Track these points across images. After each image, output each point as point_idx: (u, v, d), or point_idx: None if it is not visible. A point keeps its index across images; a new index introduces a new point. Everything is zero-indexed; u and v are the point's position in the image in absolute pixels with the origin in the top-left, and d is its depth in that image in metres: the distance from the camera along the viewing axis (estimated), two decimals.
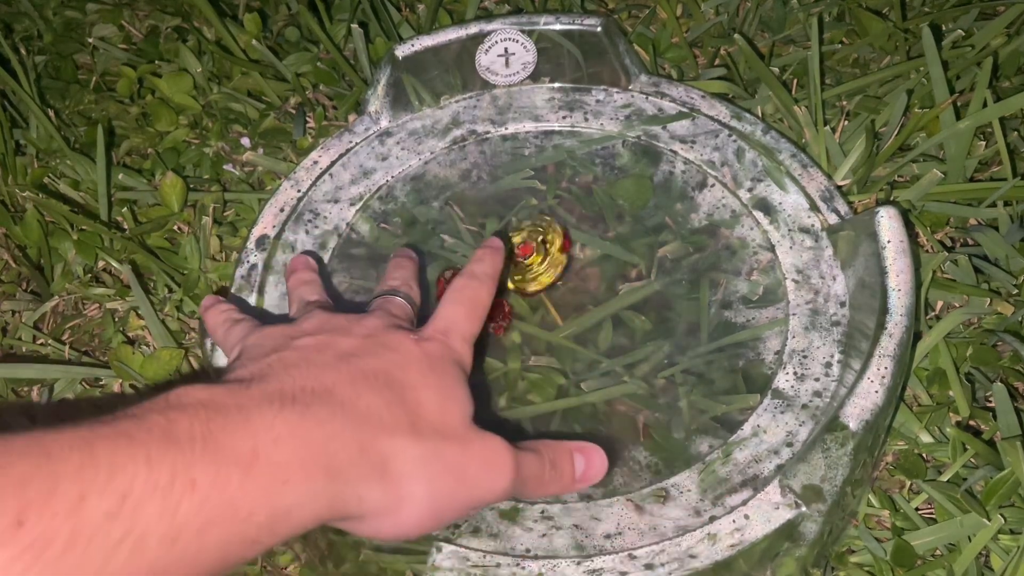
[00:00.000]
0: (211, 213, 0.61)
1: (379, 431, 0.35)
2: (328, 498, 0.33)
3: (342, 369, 0.36)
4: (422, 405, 0.37)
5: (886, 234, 0.48)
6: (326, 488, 0.33)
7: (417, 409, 0.36)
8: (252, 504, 0.30)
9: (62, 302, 0.61)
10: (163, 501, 0.28)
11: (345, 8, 0.72)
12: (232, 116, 0.68)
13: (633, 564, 0.42)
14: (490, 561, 0.42)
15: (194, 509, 0.29)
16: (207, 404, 0.31)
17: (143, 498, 0.28)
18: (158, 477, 0.28)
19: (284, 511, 0.31)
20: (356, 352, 0.38)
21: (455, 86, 0.62)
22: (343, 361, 0.37)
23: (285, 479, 0.31)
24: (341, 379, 0.36)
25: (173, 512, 0.28)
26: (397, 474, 0.35)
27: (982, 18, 0.67)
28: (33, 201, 0.62)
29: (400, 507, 0.35)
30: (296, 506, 0.32)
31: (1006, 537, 0.46)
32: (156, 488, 0.28)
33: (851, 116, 0.63)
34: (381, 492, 0.34)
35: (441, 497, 0.36)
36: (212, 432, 0.30)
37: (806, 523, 0.43)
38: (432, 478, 0.35)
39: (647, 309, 0.52)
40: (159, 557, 0.28)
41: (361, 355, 0.37)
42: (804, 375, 0.48)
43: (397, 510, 0.35)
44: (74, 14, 0.76)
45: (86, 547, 0.26)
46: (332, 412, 0.34)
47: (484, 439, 0.38)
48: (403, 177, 0.58)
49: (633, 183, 0.57)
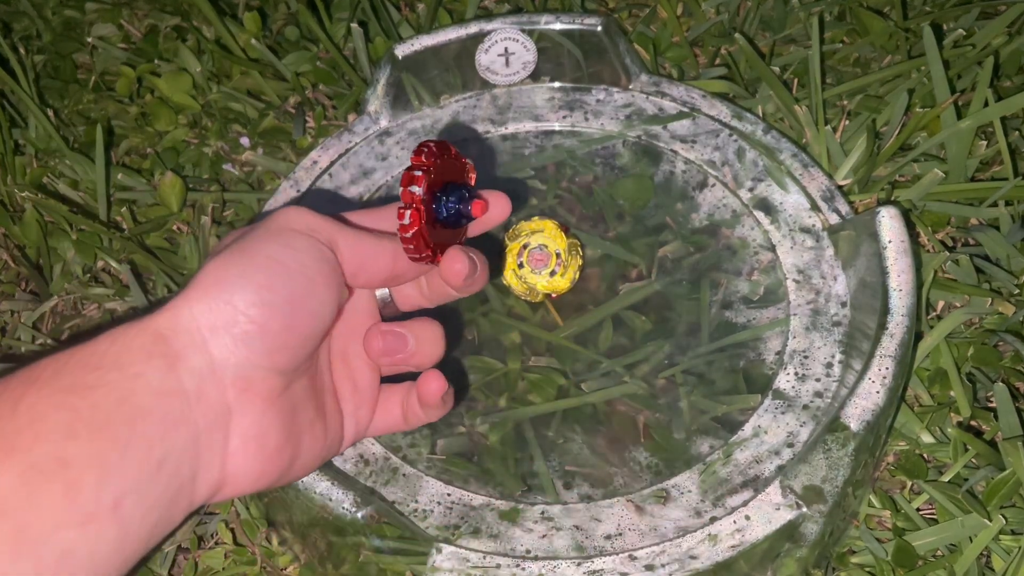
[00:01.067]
0: (210, 213, 0.61)
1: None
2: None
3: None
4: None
5: (887, 234, 0.47)
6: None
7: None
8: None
9: (61, 302, 0.60)
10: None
11: (345, 7, 0.72)
12: (231, 116, 0.68)
13: (633, 565, 0.42)
14: (490, 562, 0.42)
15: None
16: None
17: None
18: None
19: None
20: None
21: (455, 86, 0.61)
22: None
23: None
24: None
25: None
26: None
27: (983, 17, 0.67)
28: (32, 201, 0.62)
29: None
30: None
31: (1007, 538, 0.46)
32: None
33: (852, 116, 0.63)
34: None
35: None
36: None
37: (807, 524, 0.43)
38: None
39: (647, 309, 0.52)
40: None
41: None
42: (805, 375, 0.48)
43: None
44: (73, 13, 0.76)
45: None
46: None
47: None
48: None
49: (633, 183, 0.57)
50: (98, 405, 0.31)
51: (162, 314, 0.34)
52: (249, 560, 0.49)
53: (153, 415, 0.32)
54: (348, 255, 0.38)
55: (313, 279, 0.36)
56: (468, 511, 0.45)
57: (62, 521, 0.29)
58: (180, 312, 0.34)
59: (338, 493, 0.42)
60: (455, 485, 0.46)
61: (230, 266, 0.35)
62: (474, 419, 0.49)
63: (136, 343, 0.33)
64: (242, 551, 0.49)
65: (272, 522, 0.49)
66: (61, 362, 0.32)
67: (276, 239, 0.36)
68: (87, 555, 0.30)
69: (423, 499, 0.45)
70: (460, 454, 0.47)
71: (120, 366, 0.32)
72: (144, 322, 0.33)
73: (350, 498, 0.42)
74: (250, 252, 0.35)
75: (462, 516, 0.45)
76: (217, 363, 0.34)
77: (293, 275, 0.35)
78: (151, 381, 0.32)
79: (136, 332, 0.33)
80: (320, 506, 0.42)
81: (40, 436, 0.30)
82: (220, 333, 0.34)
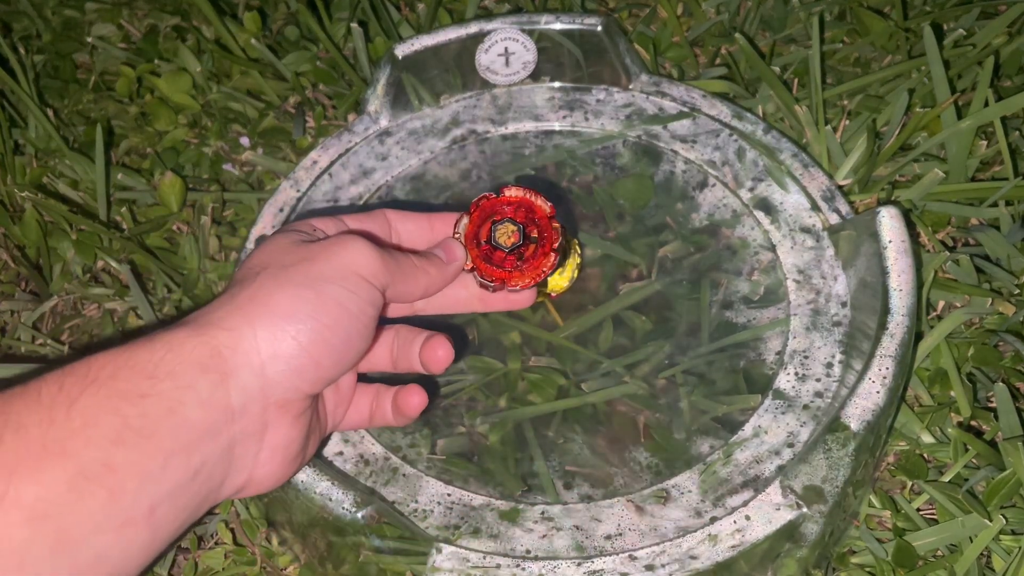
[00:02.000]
0: (210, 213, 0.61)
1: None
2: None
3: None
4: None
5: (887, 234, 0.47)
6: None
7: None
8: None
9: (61, 302, 0.60)
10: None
11: (345, 7, 0.72)
12: (231, 115, 0.68)
13: (634, 565, 0.42)
14: (490, 562, 0.42)
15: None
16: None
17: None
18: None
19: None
20: None
21: (455, 85, 0.61)
22: None
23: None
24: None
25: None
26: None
27: (983, 17, 0.67)
28: (32, 201, 0.62)
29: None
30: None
31: (1007, 538, 0.46)
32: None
33: (852, 115, 0.63)
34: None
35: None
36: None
37: (807, 524, 0.43)
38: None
39: (648, 309, 0.52)
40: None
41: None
42: (805, 375, 0.48)
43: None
44: (73, 13, 0.76)
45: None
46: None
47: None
48: (403, 177, 0.58)
49: (634, 183, 0.57)
50: (148, 414, 0.32)
51: (222, 332, 0.35)
52: (249, 560, 0.49)
53: (198, 427, 0.33)
54: (392, 295, 0.40)
55: (367, 324, 0.39)
56: (468, 511, 0.45)
57: (101, 524, 0.31)
58: (243, 334, 0.35)
59: (338, 493, 0.42)
60: (455, 485, 0.46)
61: (301, 302, 0.36)
62: (474, 419, 0.49)
63: (193, 356, 0.34)
64: (242, 551, 0.49)
65: (272, 522, 0.49)
66: (119, 363, 0.33)
67: (344, 283, 0.38)
68: (120, 557, 0.31)
69: (423, 499, 0.45)
70: (460, 454, 0.47)
71: (174, 376, 0.33)
72: (204, 335, 0.35)
73: (350, 498, 0.42)
74: (320, 291, 0.37)
75: (462, 516, 0.45)
76: (268, 385, 0.36)
77: (352, 320, 0.38)
78: (201, 393, 0.34)
79: (195, 344, 0.34)
80: (320, 506, 0.42)
81: (91, 441, 0.31)
82: (279, 361, 0.36)
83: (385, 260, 0.39)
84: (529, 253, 0.43)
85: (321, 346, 0.37)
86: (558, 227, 0.43)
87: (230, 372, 0.35)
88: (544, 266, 0.43)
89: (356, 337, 0.38)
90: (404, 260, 0.41)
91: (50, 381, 0.32)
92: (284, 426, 0.37)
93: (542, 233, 0.43)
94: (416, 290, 0.41)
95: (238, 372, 0.35)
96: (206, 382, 0.34)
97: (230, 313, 0.36)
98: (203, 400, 0.34)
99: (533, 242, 0.43)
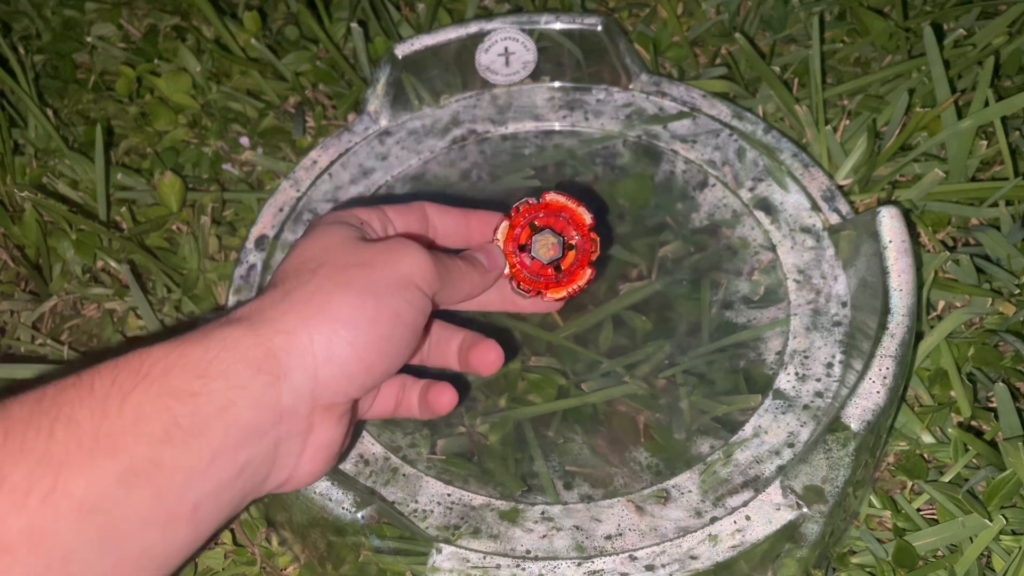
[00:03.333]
0: (210, 213, 0.61)
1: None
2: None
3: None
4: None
5: (888, 234, 0.47)
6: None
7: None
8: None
9: (60, 302, 0.60)
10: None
11: (344, 7, 0.72)
12: (231, 115, 0.68)
13: (634, 565, 0.42)
14: (490, 562, 0.42)
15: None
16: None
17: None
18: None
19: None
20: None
21: (455, 85, 0.61)
22: None
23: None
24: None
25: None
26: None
27: (984, 17, 0.67)
28: (31, 201, 0.62)
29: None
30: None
31: (1008, 538, 0.46)
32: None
33: (852, 115, 0.63)
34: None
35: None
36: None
37: (807, 524, 0.43)
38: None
39: (648, 309, 0.52)
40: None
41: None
42: (805, 375, 0.48)
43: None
44: (73, 13, 0.76)
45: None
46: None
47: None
48: (403, 177, 0.58)
49: (634, 183, 0.57)
50: (198, 412, 0.32)
51: (279, 335, 0.35)
52: (249, 560, 0.49)
53: (246, 427, 0.34)
54: (438, 297, 0.41)
55: (416, 332, 0.39)
56: (468, 511, 0.45)
57: (147, 520, 0.31)
58: (299, 336, 0.35)
59: (338, 493, 0.42)
60: (455, 485, 0.46)
61: (360, 311, 0.36)
62: (474, 419, 0.49)
63: (248, 356, 0.34)
64: (242, 551, 0.49)
65: (272, 522, 0.49)
66: (172, 359, 0.33)
67: (403, 293, 0.38)
68: (163, 551, 0.32)
69: (423, 499, 0.45)
70: (460, 454, 0.47)
71: (227, 375, 0.33)
72: (259, 335, 0.35)
73: (350, 498, 0.42)
74: (380, 299, 0.37)
75: (462, 516, 0.45)
76: (318, 388, 0.36)
77: (406, 329, 0.38)
78: (253, 394, 0.34)
79: (250, 344, 0.34)
80: (320, 506, 0.42)
81: (141, 438, 0.31)
82: (332, 366, 0.36)
83: (439, 269, 0.40)
84: (567, 265, 0.44)
85: (375, 353, 0.37)
86: (597, 239, 0.44)
87: (283, 374, 0.35)
88: (580, 279, 0.44)
89: (405, 346, 0.39)
90: (453, 267, 0.41)
91: (104, 374, 0.32)
92: (329, 427, 0.37)
93: (581, 245, 0.44)
94: (461, 295, 0.42)
95: (291, 374, 0.35)
96: (258, 383, 0.34)
97: (285, 313, 0.36)
98: (255, 401, 0.34)
99: (572, 249, 0.44)
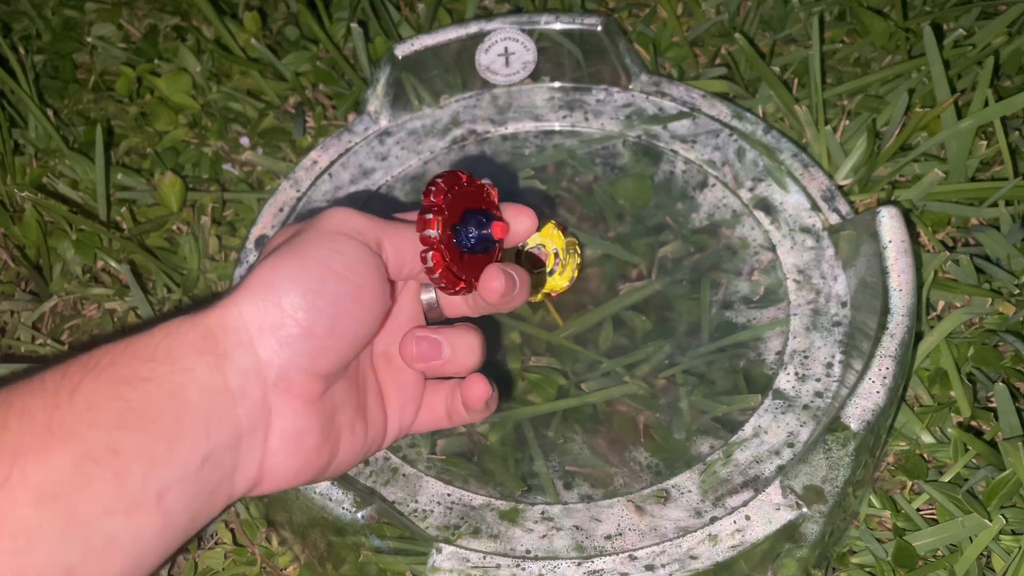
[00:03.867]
0: (210, 213, 0.61)
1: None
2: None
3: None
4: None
5: (887, 234, 0.47)
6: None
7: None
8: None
9: (61, 302, 0.60)
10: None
11: (345, 7, 0.72)
12: (231, 115, 0.68)
13: (634, 565, 0.42)
14: (490, 562, 0.42)
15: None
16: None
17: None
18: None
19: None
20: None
21: (455, 85, 0.61)
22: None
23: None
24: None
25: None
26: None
27: (983, 17, 0.67)
28: (32, 201, 0.62)
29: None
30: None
31: (1007, 538, 0.46)
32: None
33: (852, 115, 0.63)
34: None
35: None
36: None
37: (807, 524, 0.43)
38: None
39: (648, 309, 0.52)
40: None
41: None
42: (805, 375, 0.48)
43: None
44: (73, 13, 0.76)
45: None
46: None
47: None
48: (403, 177, 0.58)
49: (634, 183, 0.57)
50: (149, 398, 0.32)
51: (213, 311, 0.34)
52: (249, 560, 0.49)
53: (200, 412, 0.33)
54: (392, 252, 0.38)
55: (361, 286, 0.36)
56: (468, 511, 0.45)
57: (110, 507, 0.31)
58: (229, 311, 0.34)
59: (338, 493, 0.42)
60: (455, 485, 0.46)
61: (280, 268, 0.35)
62: None
63: (188, 338, 0.34)
64: (242, 551, 0.49)
65: (272, 522, 0.49)
66: (118, 351, 0.33)
67: (326, 243, 0.36)
68: (131, 541, 0.31)
69: (423, 499, 0.45)
70: (460, 454, 0.47)
71: (172, 360, 0.33)
72: (196, 318, 0.34)
73: (350, 498, 0.42)
74: (300, 255, 0.36)
75: (462, 516, 0.45)
76: (262, 363, 0.34)
77: (342, 280, 0.36)
78: (199, 377, 0.33)
79: (188, 327, 0.34)
80: (320, 506, 0.42)
81: (94, 424, 0.31)
82: (267, 335, 0.34)
83: (373, 220, 0.38)
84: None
85: (309, 312, 0.34)
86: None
87: (224, 353, 0.34)
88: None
89: (349, 299, 0.36)
90: (407, 228, 0.39)
91: (54, 371, 0.32)
92: (291, 412, 0.35)
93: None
94: (411, 248, 0.38)
95: (232, 353, 0.34)
96: (203, 365, 0.33)
97: (222, 298, 0.35)
98: (202, 384, 0.33)
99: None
